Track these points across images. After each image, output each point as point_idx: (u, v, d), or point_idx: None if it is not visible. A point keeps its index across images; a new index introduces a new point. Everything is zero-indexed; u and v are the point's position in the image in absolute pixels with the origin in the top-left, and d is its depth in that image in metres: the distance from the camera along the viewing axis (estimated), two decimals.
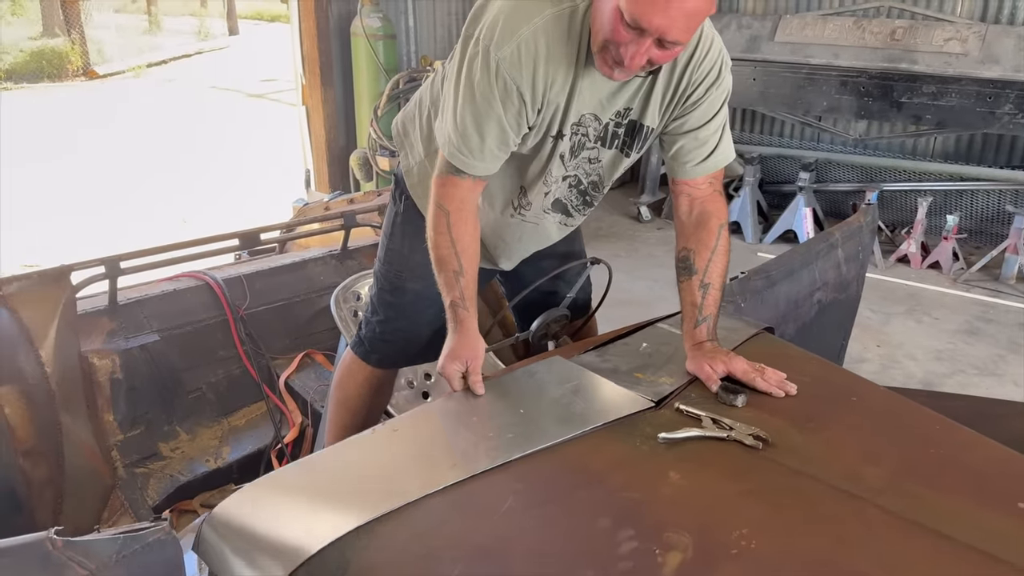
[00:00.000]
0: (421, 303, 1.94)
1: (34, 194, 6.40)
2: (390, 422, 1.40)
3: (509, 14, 1.49)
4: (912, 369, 3.72)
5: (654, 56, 1.41)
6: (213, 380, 2.53)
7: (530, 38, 1.48)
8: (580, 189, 1.79)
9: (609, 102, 1.61)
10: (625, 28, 1.37)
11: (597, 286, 2.20)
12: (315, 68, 4.67)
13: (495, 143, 1.57)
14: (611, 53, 1.43)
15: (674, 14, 1.33)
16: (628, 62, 1.41)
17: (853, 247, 2.71)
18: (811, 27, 5.29)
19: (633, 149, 1.72)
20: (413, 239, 1.88)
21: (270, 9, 21.14)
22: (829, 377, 1.68)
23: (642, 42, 1.37)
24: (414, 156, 1.88)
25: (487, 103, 1.52)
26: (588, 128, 1.65)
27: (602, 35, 1.42)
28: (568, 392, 1.47)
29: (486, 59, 1.50)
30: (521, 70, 1.49)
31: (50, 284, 2.16)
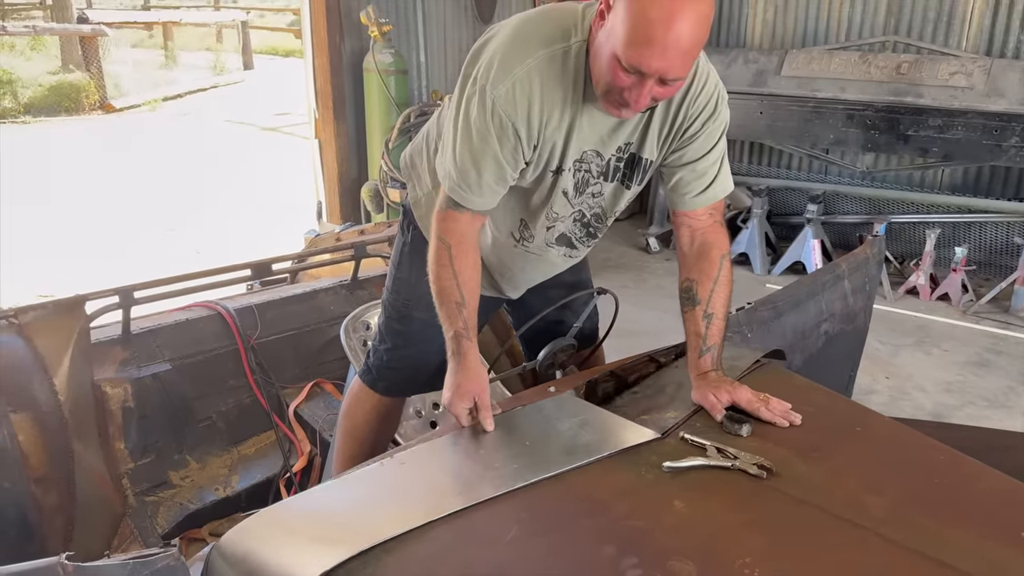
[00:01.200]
0: (428, 331, 1.97)
1: (49, 225, 6.49)
2: (397, 455, 1.40)
3: (504, 55, 1.53)
4: (922, 401, 3.70)
5: (657, 94, 1.44)
6: (223, 409, 2.54)
7: (524, 77, 1.51)
8: (583, 222, 1.82)
9: (611, 138, 1.65)
10: (625, 73, 1.40)
11: (604, 316, 2.22)
12: (328, 103, 4.75)
13: (492, 179, 1.60)
14: (615, 97, 1.46)
15: (671, 55, 1.35)
16: (634, 105, 1.44)
17: (860, 278, 2.72)
18: (817, 61, 5.35)
19: (634, 182, 1.75)
20: (420, 269, 1.91)
21: (285, 44, 21.48)
22: (834, 407, 1.69)
23: (644, 84, 1.40)
24: (422, 187, 1.92)
25: (484, 140, 1.56)
26: (591, 164, 1.68)
27: (604, 81, 1.45)
28: (575, 425, 1.49)
29: (482, 98, 1.54)
30: (516, 108, 1.53)
31: (65, 313, 2.19)
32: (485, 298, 1.92)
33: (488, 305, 2.01)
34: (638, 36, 1.34)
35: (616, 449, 1.38)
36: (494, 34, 1.61)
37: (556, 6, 1.60)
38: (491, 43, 1.58)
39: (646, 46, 1.34)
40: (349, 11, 4.70)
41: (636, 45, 1.35)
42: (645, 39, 1.34)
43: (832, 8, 5.61)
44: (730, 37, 6.15)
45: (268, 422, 2.58)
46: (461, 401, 1.52)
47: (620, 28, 1.37)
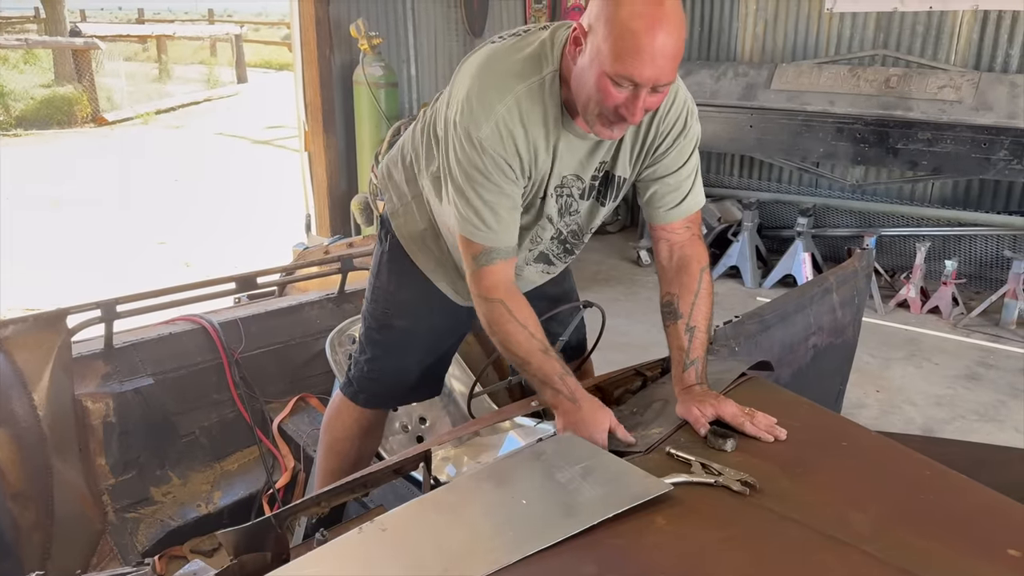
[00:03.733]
0: (408, 340, 1.96)
1: (37, 238, 6.46)
2: (379, 519, 1.26)
3: (481, 93, 1.54)
4: (912, 415, 3.69)
5: (650, 103, 1.46)
6: (206, 424, 2.51)
7: (506, 114, 1.52)
8: (561, 239, 1.83)
9: (588, 161, 1.67)
10: (617, 89, 1.42)
11: (593, 329, 2.21)
12: (318, 115, 4.74)
13: (507, 211, 1.60)
14: (609, 116, 1.47)
15: (660, 61, 1.39)
16: (631, 118, 1.46)
17: (848, 292, 2.71)
18: (807, 75, 5.37)
19: (608, 198, 1.77)
20: (399, 276, 1.93)
21: (279, 58, 21.52)
22: (819, 421, 1.67)
23: (638, 95, 1.42)
24: (400, 198, 1.91)
25: (485, 178, 1.56)
26: (572, 188, 1.70)
27: (595, 103, 1.46)
28: (577, 475, 1.35)
29: (470, 141, 1.54)
30: (504, 145, 1.54)
31: (46, 327, 2.17)
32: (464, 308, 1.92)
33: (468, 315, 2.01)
34: (626, 49, 1.37)
35: (622, 509, 1.24)
36: (462, 73, 1.61)
37: (522, 38, 1.61)
38: (463, 81, 1.58)
39: (636, 56, 1.37)
40: (339, 24, 4.70)
41: (626, 58, 1.38)
42: (634, 50, 1.37)
43: (822, 22, 5.64)
44: (720, 51, 6.17)
45: (252, 437, 2.55)
46: (599, 433, 1.52)
47: (605, 47, 1.39)
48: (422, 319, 1.96)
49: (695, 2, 6.24)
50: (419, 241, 1.89)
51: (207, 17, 27.23)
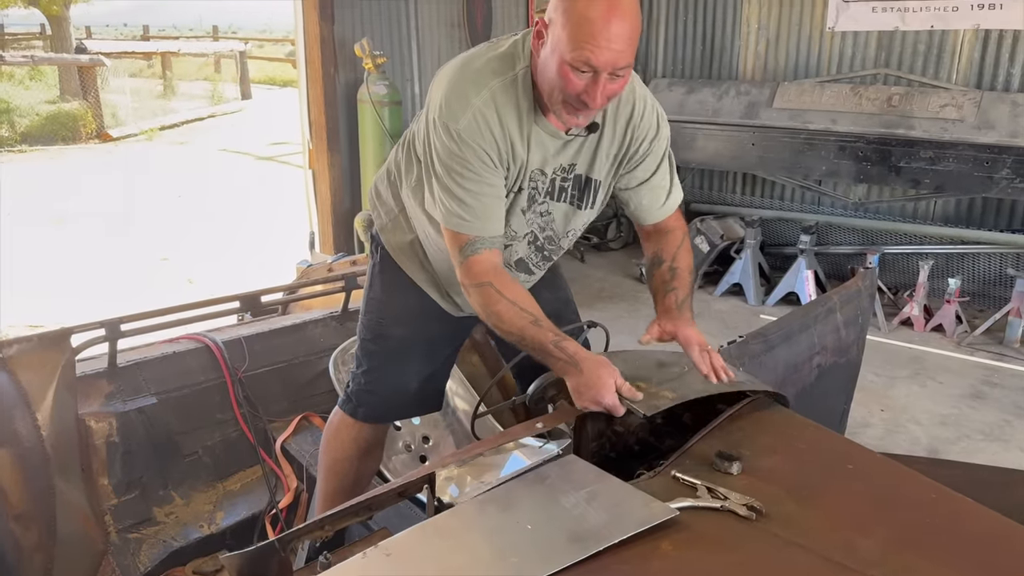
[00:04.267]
0: (404, 349, 1.99)
1: (40, 254, 6.47)
2: (383, 544, 1.26)
3: (457, 90, 1.62)
4: (917, 434, 3.68)
5: (611, 90, 1.54)
6: (209, 443, 2.51)
7: (482, 107, 1.60)
8: (537, 246, 1.88)
9: (554, 158, 1.73)
10: (577, 75, 1.50)
11: (596, 347, 2.20)
12: (322, 134, 4.76)
13: (489, 199, 1.65)
14: (572, 104, 1.55)
15: (616, 46, 1.47)
16: (593, 102, 1.53)
17: (852, 311, 2.71)
18: (809, 94, 5.39)
19: (584, 203, 1.83)
20: (391, 286, 1.99)
21: (282, 74, 21.66)
22: (825, 444, 1.67)
23: (597, 80, 1.50)
24: (387, 212, 1.97)
25: (466, 168, 1.62)
26: (537, 182, 1.75)
27: (558, 91, 1.55)
28: (582, 500, 1.35)
29: (448, 133, 1.61)
30: (482, 135, 1.60)
31: (50, 347, 2.17)
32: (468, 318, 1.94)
33: (468, 325, 2.02)
34: (583, 36, 1.46)
35: (628, 535, 1.23)
36: (441, 76, 1.69)
37: (494, 42, 1.71)
38: (440, 84, 1.66)
39: (592, 42, 1.46)
40: (344, 43, 4.73)
41: (583, 44, 1.46)
42: (590, 36, 1.46)
43: (823, 41, 5.66)
44: (722, 69, 6.20)
45: (254, 457, 2.54)
46: (607, 393, 1.54)
47: (564, 35, 1.48)
48: (416, 327, 1.99)
49: (696, 21, 6.28)
50: (408, 251, 1.95)
51: (211, 34, 27.45)
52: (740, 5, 6.01)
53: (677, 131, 5.70)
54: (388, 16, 5.10)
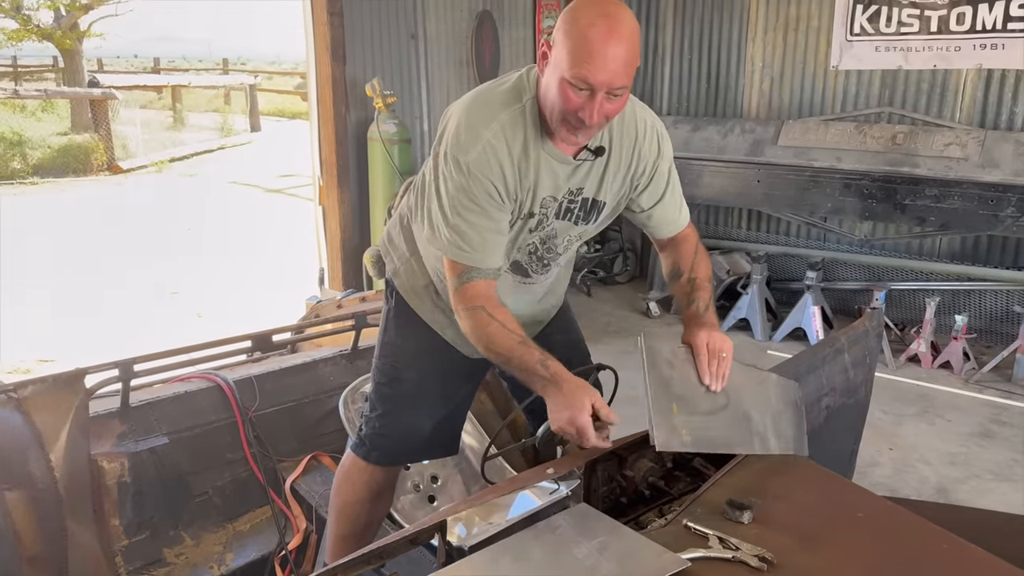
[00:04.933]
0: (418, 392, 2.00)
1: (51, 286, 6.52)
2: None
3: (468, 123, 1.67)
4: (926, 473, 3.66)
5: (607, 109, 1.59)
6: (220, 484, 2.52)
7: (492, 140, 1.66)
8: (537, 256, 1.93)
9: (564, 184, 1.79)
10: (576, 92, 1.56)
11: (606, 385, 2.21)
12: (332, 171, 4.82)
13: (491, 234, 1.70)
14: (570, 121, 1.61)
15: (612, 66, 1.53)
16: (589, 120, 1.58)
17: (860, 351, 2.71)
18: (813, 132, 5.44)
19: (589, 221, 1.89)
20: (406, 329, 2.02)
21: (291, 107, 21.92)
22: (835, 491, 1.67)
23: (594, 99, 1.56)
24: (399, 257, 2.02)
25: (471, 201, 1.67)
26: (548, 208, 1.81)
27: (558, 109, 1.61)
28: (594, 550, 1.35)
29: (457, 166, 1.66)
30: (491, 167, 1.66)
31: (64, 387, 2.19)
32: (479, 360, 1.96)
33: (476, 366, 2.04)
34: (582, 55, 1.53)
35: None
36: (451, 112, 1.75)
37: (501, 78, 1.78)
38: (451, 119, 1.72)
39: (590, 61, 1.52)
40: (355, 83, 4.80)
41: (582, 63, 1.53)
42: (588, 56, 1.52)
43: (827, 80, 5.73)
44: (727, 107, 6.27)
45: (264, 497, 2.55)
46: (580, 413, 1.57)
47: (564, 54, 1.55)
48: (431, 370, 2.01)
49: (702, 59, 6.36)
50: (421, 295, 1.98)
51: (222, 66, 27.81)
52: (744, 44, 6.10)
53: (683, 167, 5.73)
54: (398, 56, 5.19)
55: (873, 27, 5.44)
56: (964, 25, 5.09)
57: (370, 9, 4.95)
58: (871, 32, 5.46)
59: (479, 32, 5.68)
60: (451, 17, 5.52)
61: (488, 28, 5.74)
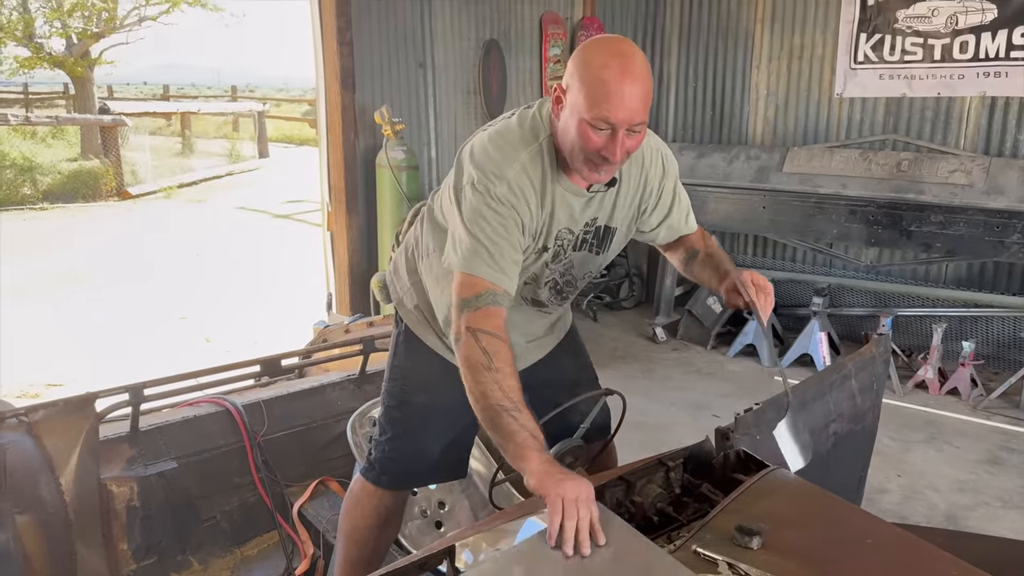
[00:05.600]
0: (428, 416, 2.02)
1: (59, 312, 6.55)
2: None
3: (493, 161, 1.71)
4: (935, 500, 3.64)
5: (629, 145, 1.64)
6: (228, 508, 2.52)
7: (516, 177, 1.70)
8: (556, 289, 1.97)
9: (580, 216, 1.83)
10: (596, 133, 1.60)
11: (613, 409, 2.21)
12: (341, 197, 4.86)
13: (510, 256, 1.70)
14: (594, 160, 1.65)
15: (631, 104, 1.58)
16: (613, 158, 1.64)
17: (867, 378, 2.71)
18: (818, 159, 5.47)
19: (603, 249, 1.94)
20: (416, 354, 2.04)
21: (299, 133, 22.12)
22: (844, 517, 1.67)
23: (616, 137, 1.61)
24: (401, 286, 2.07)
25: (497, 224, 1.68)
26: (564, 240, 1.85)
27: (579, 149, 1.65)
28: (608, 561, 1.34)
29: (487, 197, 1.68)
30: (517, 201, 1.69)
31: (74, 412, 2.21)
32: None
33: None
34: (600, 96, 1.57)
35: None
36: (472, 149, 1.78)
37: (512, 117, 1.82)
38: (473, 156, 1.75)
39: (608, 102, 1.57)
40: (363, 111, 4.86)
41: (601, 104, 1.57)
42: (606, 96, 1.57)
43: (832, 107, 5.77)
44: (732, 134, 6.31)
45: (272, 522, 2.55)
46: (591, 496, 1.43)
47: (582, 98, 1.59)
48: (440, 393, 2.02)
49: (706, 87, 6.42)
50: (423, 322, 2.01)
51: (230, 94, 28.11)
52: (749, 71, 6.15)
53: (688, 193, 5.78)
54: (406, 84, 5.25)
55: (877, 55, 5.49)
56: (967, 53, 5.14)
57: (379, 38, 5.02)
58: (875, 60, 5.51)
59: (486, 61, 5.74)
60: (459, 46, 5.59)
61: (495, 57, 5.81)
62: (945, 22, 5.19)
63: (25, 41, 15.59)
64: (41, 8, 15.86)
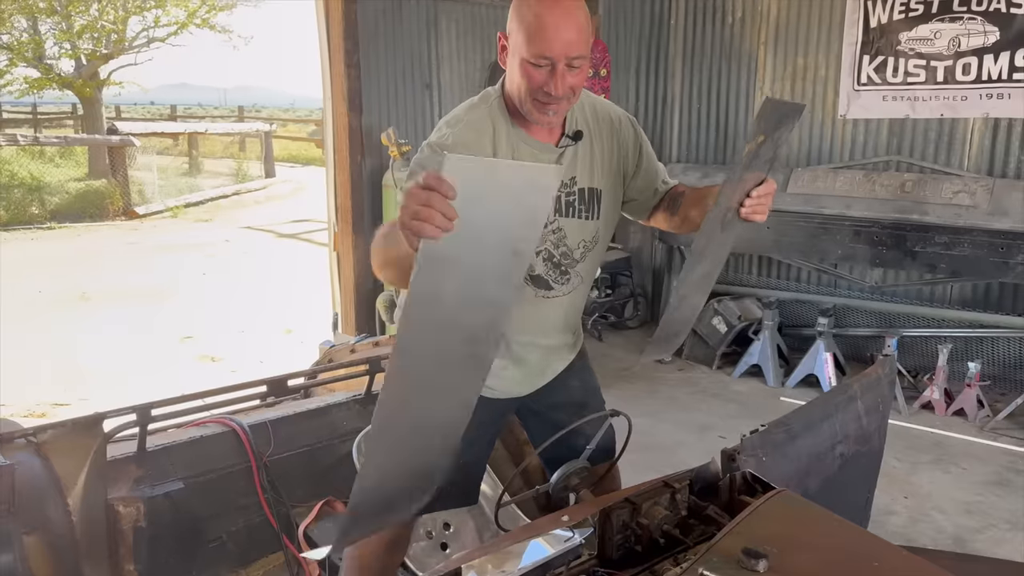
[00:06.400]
0: None
1: (66, 331, 6.58)
2: None
3: (440, 125, 1.80)
4: (942, 523, 3.62)
5: (571, 81, 1.67)
6: (233, 529, 2.52)
7: (463, 126, 1.77)
8: (554, 262, 1.93)
9: None
10: (536, 69, 1.65)
11: (618, 430, 2.22)
12: (347, 217, 4.90)
13: None
14: (538, 98, 1.69)
15: (565, 36, 1.63)
16: (555, 91, 1.66)
17: (873, 399, 2.71)
18: (822, 179, 5.49)
19: (592, 214, 1.93)
20: None
21: (305, 153, 22.26)
22: (850, 539, 1.66)
23: (556, 71, 1.65)
24: None
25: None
26: None
27: (524, 89, 1.69)
28: None
29: (433, 150, 1.73)
30: (467, 143, 1.72)
31: (82, 432, 2.21)
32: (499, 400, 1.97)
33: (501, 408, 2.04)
34: (535, 31, 1.63)
35: None
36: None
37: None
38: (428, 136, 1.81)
39: (543, 35, 1.62)
40: (370, 132, 4.91)
41: (536, 39, 1.63)
42: (541, 30, 1.62)
43: (835, 128, 5.80)
44: (736, 155, 6.30)
45: (277, 543, 2.55)
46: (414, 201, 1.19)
47: (519, 36, 1.66)
48: None
49: (710, 108, 6.46)
50: None
51: (237, 114, 28.32)
52: (753, 93, 6.19)
53: None
54: (413, 105, 5.31)
55: (880, 77, 5.53)
56: (970, 75, 5.17)
57: (386, 60, 5.08)
58: (878, 82, 5.55)
59: (491, 83, 5.78)
60: (464, 68, 5.65)
61: (499, 79, 5.86)
62: (948, 44, 5.23)
63: (35, 62, 15.76)
64: (51, 30, 16.05)
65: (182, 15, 16.34)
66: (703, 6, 6.37)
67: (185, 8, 16.25)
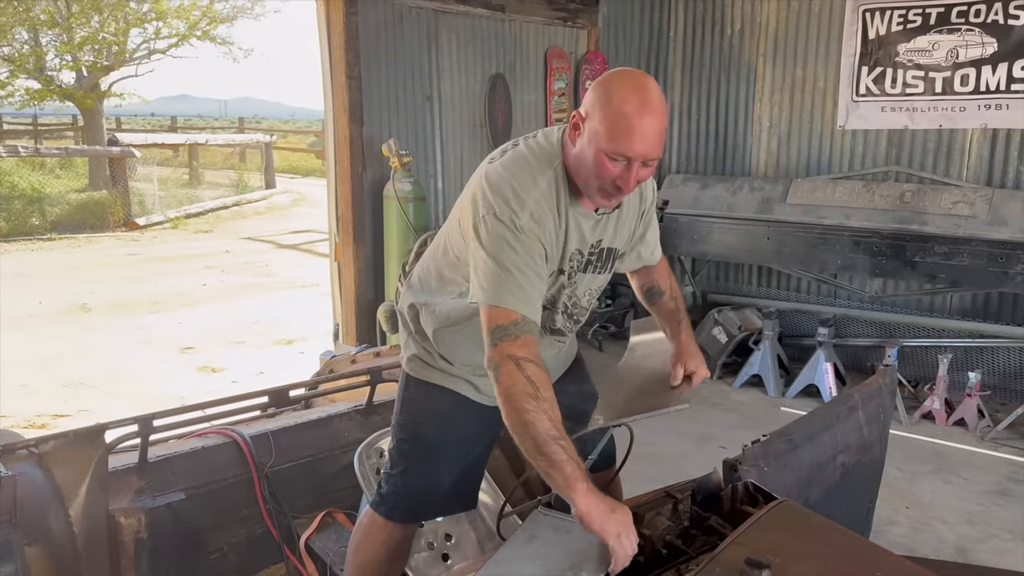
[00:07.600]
0: (439, 448, 2.03)
1: (66, 342, 6.58)
2: None
3: (514, 189, 1.74)
4: (944, 533, 3.61)
5: (641, 176, 1.72)
6: (235, 540, 2.51)
7: (537, 205, 1.74)
8: (568, 314, 2.00)
9: (589, 238, 1.89)
10: (612, 163, 1.67)
11: (619, 440, 2.22)
12: (349, 228, 4.91)
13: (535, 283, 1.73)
14: (607, 189, 1.73)
15: (649, 140, 1.66)
16: (627, 187, 1.71)
17: (874, 409, 2.71)
18: (821, 190, 5.51)
19: (605, 269, 2.00)
20: (427, 387, 2.05)
21: (305, 164, 22.32)
22: (853, 549, 1.67)
23: (631, 168, 1.68)
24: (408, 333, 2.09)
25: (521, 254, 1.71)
26: (575, 262, 1.89)
27: (594, 177, 1.71)
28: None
29: (510, 228, 1.71)
30: (540, 230, 1.73)
31: (84, 443, 2.22)
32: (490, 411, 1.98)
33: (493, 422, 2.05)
34: (619, 129, 1.64)
35: None
36: (487, 181, 1.79)
37: (522, 145, 1.86)
38: (492, 187, 1.76)
39: (627, 136, 1.64)
40: (371, 143, 4.92)
41: (619, 137, 1.64)
42: (626, 130, 1.63)
43: (835, 139, 5.82)
44: (735, 166, 6.36)
45: (278, 554, 2.54)
46: (632, 535, 1.59)
47: (601, 129, 1.66)
48: (451, 426, 2.04)
49: (710, 119, 6.48)
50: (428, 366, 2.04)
51: (237, 125, 28.39)
52: (752, 104, 6.22)
53: (692, 224, 5.87)
54: (414, 117, 5.33)
55: (879, 88, 5.56)
56: (968, 86, 5.20)
57: (387, 72, 5.10)
58: (877, 93, 5.57)
59: (492, 94, 5.82)
60: (465, 80, 5.67)
61: (501, 90, 5.89)
62: (946, 56, 5.26)
63: (36, 74, 15.81)
64: (52, 41, 16.11)
65: (183, 27, 16.41)
66: (702, 17, 6.41)
67: (186, 20, 16.31)
